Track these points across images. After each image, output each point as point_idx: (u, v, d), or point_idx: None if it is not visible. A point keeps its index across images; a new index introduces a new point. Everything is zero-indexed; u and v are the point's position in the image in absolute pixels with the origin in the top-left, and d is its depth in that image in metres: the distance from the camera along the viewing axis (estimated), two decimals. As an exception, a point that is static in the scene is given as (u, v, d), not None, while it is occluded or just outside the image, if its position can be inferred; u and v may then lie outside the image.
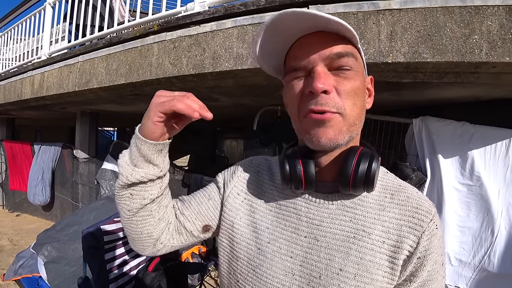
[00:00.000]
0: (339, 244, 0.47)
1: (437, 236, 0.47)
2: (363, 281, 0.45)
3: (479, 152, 1.71)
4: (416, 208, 0.48)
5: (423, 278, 0.47)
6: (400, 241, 0.46)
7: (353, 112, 0.45)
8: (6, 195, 5.39)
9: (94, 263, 1.57)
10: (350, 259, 0.46)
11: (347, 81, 0.45)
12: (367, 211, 0.49)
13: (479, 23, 1.21)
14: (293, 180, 0.48)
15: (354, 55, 0.46)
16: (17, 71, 3.50)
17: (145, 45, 1.99)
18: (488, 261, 1.68)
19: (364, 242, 0.47)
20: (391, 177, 0.53)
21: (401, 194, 0.49)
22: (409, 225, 0.47)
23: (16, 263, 2.45)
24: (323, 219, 0.49)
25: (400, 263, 0.46)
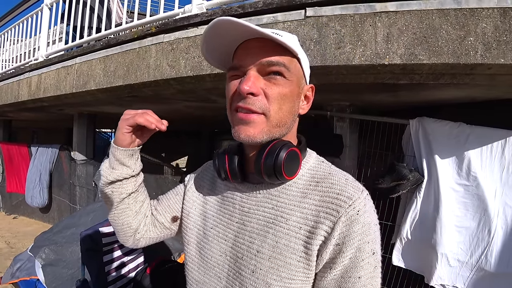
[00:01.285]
0: (260, 229, 0.52)
1: (358, 222, 0.47)
2: (277, 263, 0.49)
3: (476, 152, 1.72)
4: (337, 194, 0.49)
5: (344, 265, 0.47)
6: (316, 227, 0.48)
7: (277, 115, 0.51)
8: (3, 198, 5.36)
9: (93, 265, 1.57)
10: (267, 242, 0.51)
11: (275, 86, 0.50)
12: (289, 198, 0.52)
13: (474, 25, 1.23)
14: (222, 173, 0.56)
15: (287, 65, 0.50)
16: (14, 72, 3.48)
17: (143, 47, 1.99)
18: (485, 261, 1.70)
19: (281, 227, 0.51)
20: (324, 166, 0.55)
21: (327, 181, 0.52)
22: (326, 211, 0.48)
23: (13, 266, 2.43)
24: (251, 206, 0.55)
25: (315, 248, 0.48)
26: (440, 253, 1.76)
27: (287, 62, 0.50)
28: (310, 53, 1.41)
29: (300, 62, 0.54)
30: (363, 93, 1.89)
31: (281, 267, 0.49)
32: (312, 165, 0.56)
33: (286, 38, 0.51)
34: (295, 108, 0.54)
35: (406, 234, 1.88)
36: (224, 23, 0.47)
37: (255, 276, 0.50)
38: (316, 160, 0.57)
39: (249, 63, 0.50)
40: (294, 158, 0.51)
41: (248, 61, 0.50)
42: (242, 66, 0.51)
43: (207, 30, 0.50)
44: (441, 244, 1.76)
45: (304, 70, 0.55)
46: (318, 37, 1.40)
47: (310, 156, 0.58)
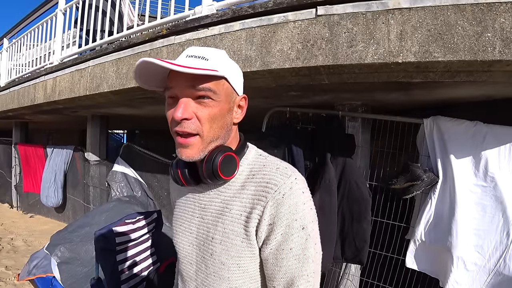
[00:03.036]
0: (213, 219, 0.63)
1: (284, 204, 0.56)
2: (226, 245, 0.60)
3: (493, 152, 1.67)
4: (267, 183, 0.58)
5: (277, 240, 0.57)
6: (251, 212, 0.58)
7: (209, 133, 0.59)
8: (20, 197, 5.53)
9: (107, 264, 1.59)
10: (218, 229, 0.61)
11: (205, 108, 0.58)
12: (232, 192, 0.62)
13: (491, 21, 1.19)
14: (178, 180, 0.66)
15: (212, 89, 0.57)
16: (30, 76, 3.59)
17: (154, 49, 2.01)
18: (503, 265, 1.64)
19: (226, 216, 0.61)
20: (260, 159, 0.64)
21: (260, 173, 0.61)
22: (258, 198, 0.58)
23: (30, 264, 2.50)
24: (205, 203, 0.66)
25: (252, 230, 0.58)
26: (456, 256, 1.71)
27: (213, 85, 0.57)
28: (322, 52, 1.40)
29: (228, 80, 0.60)
30: (375, 92, 1.86)
31: (230, 248, 0.60)
32: (251, 160, 0.65)
33: (212, 61, 0.58)
34: (227, 122, 0.62)
35: (420, 236, 1.84)
36: (145, 64, 0.55)
37: (213, 258, 0.62)
38: (255, 154, 0.66)
39: (178, 90, 0.57)
40: (229, 160, 0.60)
41: (177, 88, 0.57)
42: (175, 92, 0.58)
43: (136, 69, 0.57)
44: (457, 247, 1.71)
45: (233, 85, 0.62)
46: (330, 36, 1.39)
47: (250, 152, 0.66)
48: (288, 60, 1.48)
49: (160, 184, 3.54)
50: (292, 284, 0.59)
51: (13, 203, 5.65)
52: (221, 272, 0.61)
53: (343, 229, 1.83)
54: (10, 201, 5.75)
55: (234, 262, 0.60)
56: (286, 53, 1.48)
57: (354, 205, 1.80)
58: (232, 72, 0.61)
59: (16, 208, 5.56)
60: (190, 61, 0.57)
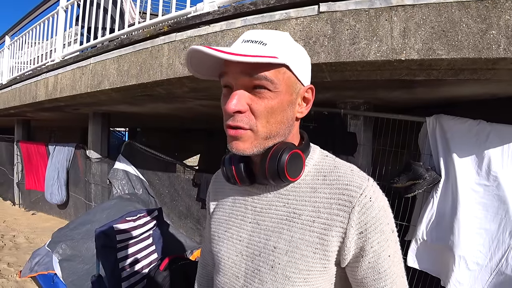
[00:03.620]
0: (274, 226, 0.55)
1: (373, 208, 0.50)
2: (294, 256, 0.51)
3: (496, 151, 1.65)
4: (346, 185, 0.51)
5: (374, 250, 0.50)
6: (330, 218, 0.51)
7: (265, 128, 0.52)
8: (22, 194, 5.55)
9: (107, 261, 1.60)
10: (282, 238, 0.53)
11: (261, 100, 0.51)
12: (299, 195, 0.55)
13: (496, 18, 1.17)
14: (230, 179, 0.58)
15: (269, 78, 0.49)
16: (31, 74, 3.59)
17: (155, 46, 2.01)
18: (505, 264, 1.63)
19: (294, 223, 0.53)
20: (328, 160, 0.57)
21: (333, 175, 0.54)
22: (339, 203, 0.51)
23: (32, 260, 2.51)
24: (262, 206, 0.57)
25: (332, 240, 0.50)
26: (458, 255, 1.71)
27: (270, 74, 0.49)
28: (324, 49, 1.38)
29: (290, 68, 0.51)
30: (378, 90, 1.85)
31: (298, 260, 0.51)
32: (317, 160, 0.58)
33: (271, 46, 0.50)
34: (288, 116, 0.54)
35: (422, 234, 1.83)
36: (196, 53, 0.49)
37: (274, 271, 0.52)
38: (320, 155, 0.59)
39: (232, 78, 0.51)
40: (296, 159, 0.53)
41: (231, 76, 0.51)
42: (228, 81, 0.52)
43: (187, 58, 0.51)
44: (459, 246, 1.70)
45: (297, 74, 0.53)
46: (332, 33, 1.37)
47: (314, 152, 0.59)
48: (290, 58, 1.46)
49: (161, 182, 3.54)
50: None
51: (15, 201, 5.67)
52: None
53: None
54: (12, 199, 5.78)
55: (301, 277, 0.51)
56: (288, 51, 1.47)
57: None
58: (295, 58, 0.52)
59: (18, 206, 5.59)
60: (245, 47, 0.50)
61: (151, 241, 1.89)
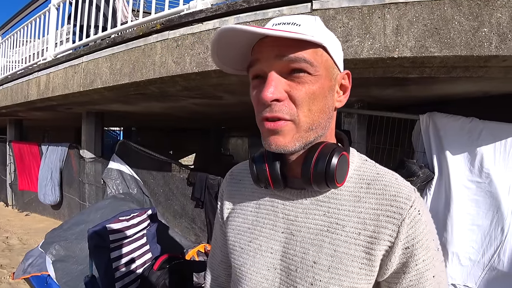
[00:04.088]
0: (313, 238, 0.48)
1: (422, 222, 0.45)
2: (338, 273, 0.46)
3: (489, 148, 1.67)
4: (394, 196, 0.46)
5: (418, 268, 0.45)
6: (378, 231, 0.45)
7: (307, 118, 0.45)
8: (15, 195, 5.48)
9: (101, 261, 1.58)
10: (323, 252, 0.47)
11: (301, 85, 0.44)
12: (341, 203, 0.48)
13: (488, 16, 1.18)
14: (262, 180, 0.51)
15: (308, 59, 0.44)
16: (23, 72, 3.54)
17: (148, 44, 1.99)
18: (497, 260, 1.65)
19: (337, 235, 0.47)
20: (369, 166, 0.51)
21: (378, 183, 0.48)
22: (387, 214, 0.45)
23: (25, 262, 2.48)
24: (297, 215, 0.50)
25: (379, 254, 0.45)
26: (451, 251, 1.72)
27: (309, 55, 0.44)
28: (317, 47, 1.38)
29: (327, 50, 0.46)
30: (371, 87, 1.86)
31: (342, 277, 0.46)
32: (357, 165, 0.51)
33: (305, 27, 0.45)
34: (329, 104, 0.47)
35: (416, 232, 1.84)
36: (228, 32, 0.43)
37: None
38: (360, 159, 0.53)
39: (266, 65, 0.45)
40: (344, 163, 0.48)
41: (265, 63, 0.45)
42: (260, 69, 0.46)
43: (214, 43, 0.46)
44: (452, 242, 1.72)
45: (334, 57, 0.47)
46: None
47: (353, 155, 0.52)
48: (283, 55, 1.46)
49: (156, 181, 3.52)
50: None
51: (8, 202, 5.60)
52: None
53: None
54: (5, 200, 5.70)
55: None
56: (281, 48, 1.46)
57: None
58: (330, 41, 0.47)
59: (11, 207, 5.52)
60: (280, 28, 0.44)
61: (145, 240, 1.88)
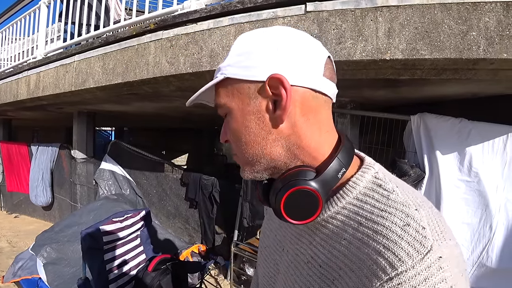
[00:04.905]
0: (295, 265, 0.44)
1: None
2: None
3: (477, 148, 1.72)
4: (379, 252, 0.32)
5: None
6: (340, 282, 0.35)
7: (243, 151, 0.41)
8: (4, 197, 5.36)
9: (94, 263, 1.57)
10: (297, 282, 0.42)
11: (228, 126, 0.43)
12: (321, 237, 0.40)
13: (476, 20, 1.21)
14: None
15: (220, 103, 0.42)
16: (12, 71, 3.47)
17: (141, 44, 1.97)
18: (486, 256, 1.69)
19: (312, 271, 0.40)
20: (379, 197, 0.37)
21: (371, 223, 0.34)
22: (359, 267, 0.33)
23: (15, 265, 2.44)
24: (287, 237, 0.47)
25: None
26: (441, 249, 1.76)
27: (221, 98, 0.42)
28: (311, 49, 1.39)
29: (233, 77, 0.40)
30: (364, 89, 1.88)
31: None
32: (363, 190, 0.38)
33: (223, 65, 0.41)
34: (256, 132, 0.40)
35: (408, 230, 1.88)
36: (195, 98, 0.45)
37: None
38: (371, 182, 0.38)
39: None
40: (303, 197, 0.37)
41: None
42: None
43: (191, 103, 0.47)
44: (442, 240, 1.76)
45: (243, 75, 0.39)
46: (319, 33, 1.39)
47: (364, 175, 0.39)
48: (278, 57, 1.47)
49: (149, 182, 3.50)
50: None
51: (-4, 203, 5.48)
52: None
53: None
54: (-7, 201, 5.57)
55: None
56: (276, 50, 1.47)
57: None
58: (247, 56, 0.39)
59: (0, 208, 5.40)
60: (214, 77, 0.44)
61: (138, 242, 1.86)
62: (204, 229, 2.74)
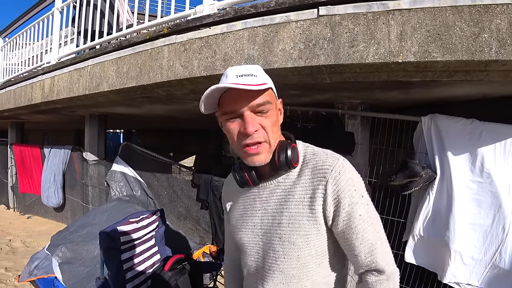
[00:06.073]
0: (277, 208, 0.70)
1: (342, 179, 0.65)
2: (294, 227, 0.67)
3: (489, 149, 1.71)
4: (321, 166, 0.67)
5: (346, 211, 0.65)
6: (314, 192, 0.67)
7: (273, 138, 0.68)
8: (17, 198, 5.48)
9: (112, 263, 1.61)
10: (284, 215, 0.69)
11: (267, 119, 0.66)
12: (291, 180, 0.70)
13: (488, 22, 1.23)
14: (244, 183, 0.73)
15: (270, 100, 0.66)
16: (26, 76, 3.56)
17: (155, 48, 2.02)
18: (499, 258, 1.69)
19: (291, 202, 0.69)
20: (309, 150, 0.73)
21: (312, 161, 0.70)
22: (318, 179, 0.67)
23: (31, 264, 2.49)
24: (267, 196, 0.73)
25: (318, 208, 0.66)
26: (453, 250, 1.76)
27: (269, 97, 0.66)
28: (324, 52, 1.42)
29: (272, 89, 0.69)
30: (375, 91, 1.90)
31: (297, 229, 0.67)
32: (301, 150, 0.73)
33: (260, 76, 0.66)
34: (279, 123, 0.71)
35: (419, 231, 1.88)
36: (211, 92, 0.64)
37: (282, 240, 0.68)
38: (303, 147, 0.74)
39: (241, 107, 0.64)
40: (295, 150, 0.70)
41: (240, 106, 0.64)
42: (236, 110, 0.65)
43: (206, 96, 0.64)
44: (454, 241, 1.76)
45: (275, 92, 0.71)
46: (331, 36, 1.41)
47: (299, 144, 0.75)
48: (291, 60, 1.50)
49: (160, 183, 3.54)
50: (373, 248, 0.66)
51: (9, 204, 5.59)
52: (290, 252, 0.67)
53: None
54: (6, 202, 5.69)
55: (303, 240, 0.67)
56: (289, 53, 1.50)
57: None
58: (271, 81, 0.70)
59: (13, 209, 5.51)
60: (245, 80, 0.63)
61: (153, 242, 1.90)
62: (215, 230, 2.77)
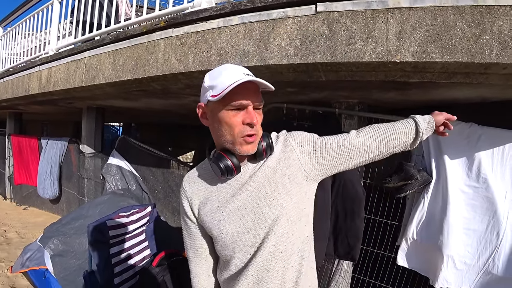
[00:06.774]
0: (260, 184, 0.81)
1: (291, 136, 0.87)
2: (278, 190, 0.80)
3: (487, 154, 1.69)
4: (278, 137, 0.88)
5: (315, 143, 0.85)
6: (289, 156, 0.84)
7: (260, 131, 0.81)
8: (14, 189, 5.47)
9: (100, 256, 1.59)
10: (268, 185, 0.80)
11: (260, 116, 0.80)
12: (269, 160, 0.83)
13: (490, 23, 1.19)
14: (229, 171, 0.79)
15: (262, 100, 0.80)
16: (25, 66, 3.53)
17: (151, 41, 1.99)
18: (492, 264, 1.67)
19: (271, 174, 0.81)
20: (274, 135, 0.89)
21: (278, 140, 0.87)
22: (284, 147, 0.85)
23: (23, 256, 2.49)
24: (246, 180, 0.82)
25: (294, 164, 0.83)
26: (446, 255, 1.74)
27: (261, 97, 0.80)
28: (320, 49, 1.39)
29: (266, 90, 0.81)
30: (372, 90, 1.87)
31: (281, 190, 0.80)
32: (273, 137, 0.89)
33: None
34: None
35: (412, 234, 1.86)
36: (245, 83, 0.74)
37: (273, 204, 0.79)
38: (274, 135, 0.90)
39: (248, 102, 0.76)
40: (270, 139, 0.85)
41: (248, 100, 0.75)
42: (243, 104, 0.75)
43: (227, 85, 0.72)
44: (447, 246, 1.74)
45: None
46: (329, 33, 1.38)
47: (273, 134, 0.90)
48: (286, 56, 1.47)
49: (155, 178, 3.53)
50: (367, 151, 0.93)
51: (6, 195, 5.60)
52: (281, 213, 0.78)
53: (336, 225, 1.84)
54: (3, 193, 5.70)
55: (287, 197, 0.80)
56: (284, 49, 1.47)
57: (348, 203, 1.81)
58: None
59: (9, 200, 5.51)
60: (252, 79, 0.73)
61: (144, 237, 1.88)
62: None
